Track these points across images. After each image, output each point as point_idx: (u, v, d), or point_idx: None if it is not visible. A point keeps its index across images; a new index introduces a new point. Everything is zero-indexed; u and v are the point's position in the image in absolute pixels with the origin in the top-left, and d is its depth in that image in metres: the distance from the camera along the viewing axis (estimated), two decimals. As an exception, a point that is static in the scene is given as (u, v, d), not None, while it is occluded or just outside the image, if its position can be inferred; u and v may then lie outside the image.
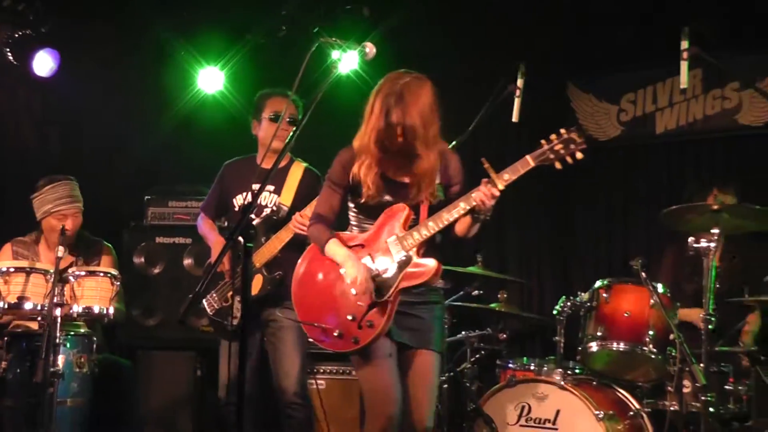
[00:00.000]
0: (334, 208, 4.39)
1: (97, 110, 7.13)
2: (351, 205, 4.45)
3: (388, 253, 4.19)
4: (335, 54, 4.55)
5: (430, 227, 4.12)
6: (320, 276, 4.37)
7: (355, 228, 4.41)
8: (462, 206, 4.07)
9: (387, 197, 4.27)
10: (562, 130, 4.04)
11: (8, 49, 6.51)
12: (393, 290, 4.14)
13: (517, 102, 5.46)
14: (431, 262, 4.13)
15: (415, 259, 4.14)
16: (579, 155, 4.04)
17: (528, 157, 4.07)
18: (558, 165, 4.07)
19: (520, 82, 5.45)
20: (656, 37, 5.97)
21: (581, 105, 7.21)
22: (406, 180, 4.29)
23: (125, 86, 7.21)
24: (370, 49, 4.15)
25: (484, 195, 4.00)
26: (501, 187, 4.01)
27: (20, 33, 6.53)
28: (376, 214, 4.30)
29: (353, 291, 4.20)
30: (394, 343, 4.25)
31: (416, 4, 6.55)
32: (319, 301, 4.34)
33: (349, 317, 4.19)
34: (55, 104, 7.18)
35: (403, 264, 4.14)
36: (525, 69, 5.46)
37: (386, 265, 4.18)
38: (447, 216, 4.11)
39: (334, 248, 4.23)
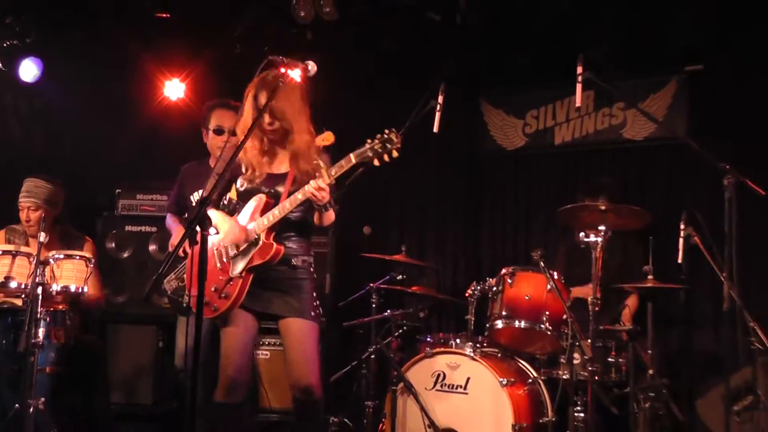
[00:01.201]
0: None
1: (76, 113, 7.07)
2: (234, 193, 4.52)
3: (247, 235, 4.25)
4: (282, 70, 4.55)
5: (275, 214, 4.16)
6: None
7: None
8: (299, 197, 4.10)
9: (263, 187, 4.30)
10: (386, 131, 4.00)
11: None
12: (244, 267, 4.20)
13: (437, 115, 5.50)
14: (273, 245, 4.16)
15: (263, 241, 4.18)
16: (395, 154, 3.99)
17: (351, 154, 4.05)
18: (376, 162, 4.02)
19: (440, 99, 5.49)
20: (556, 63, 6.02)
21: (492, 119, 7.25)
22: (284, 171, 4.32)
23: (101, 92, 7.14)
24: (312, 66, 4.16)
25: (313, 188, 4.00)
26: (328, 180, 4.03)
27: (8, 43, 6.48)
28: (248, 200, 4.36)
29: (218, 265, 4.28)
30: (252, 316, 4.33)
31: (351, 30, 6.57)
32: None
33: (213, 289, 4.25)
34: (39, 107, 7.11)
35: (254, 245, 4.20)
36: (445, 87, 5.51)
37: (242, 245, 4.24)
38: (287, 204, 4.15)
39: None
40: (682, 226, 5.09)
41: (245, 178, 4.36)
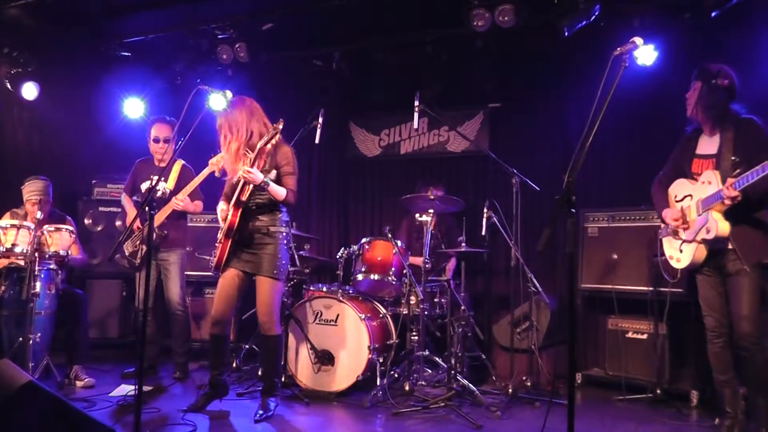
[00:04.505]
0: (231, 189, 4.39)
1: (64, 123, 6.84)
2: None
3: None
4: (209, 96, 4.52)
5: (237, 195, 4.20)
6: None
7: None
8: (240, 182, 4.16)
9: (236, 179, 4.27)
10: (272, 126, 4.15)
11: (7, 81, 6.33)
12: (222, 235, 4.24)
13: (318, 131, 5.52)
14: (230, 218, 4.18)
15: (228, 216, 4.21)
16: (274, 141, 4.16)
17: (258, 144, 4.16)
18: (268, 147, 4.18)
19: (320, 120, 5.52)
20: (401, 98, 6.07)
21: (357, 135, 7.25)
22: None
23: (82, 109, 6.92)
24: (229, 94, 4.14)
25: (242, 173, 4.10)
26: (247, 168, 4.09)
27: (15, 70, 6.35)
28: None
29: (218, 235, 4.27)
30: (237, 272, 4.30)
31: (260, 70, 6.52)
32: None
33: (213, 251, 4.32)
34: (37, 118, 6.86)
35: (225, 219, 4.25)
36: (324, 112, 5.53)
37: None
38: (239, 188, 4.19)
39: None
40: (485, 210, 5.23)
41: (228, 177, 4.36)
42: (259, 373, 5.13)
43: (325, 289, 5.40)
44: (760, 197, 3.68)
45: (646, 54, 5.20)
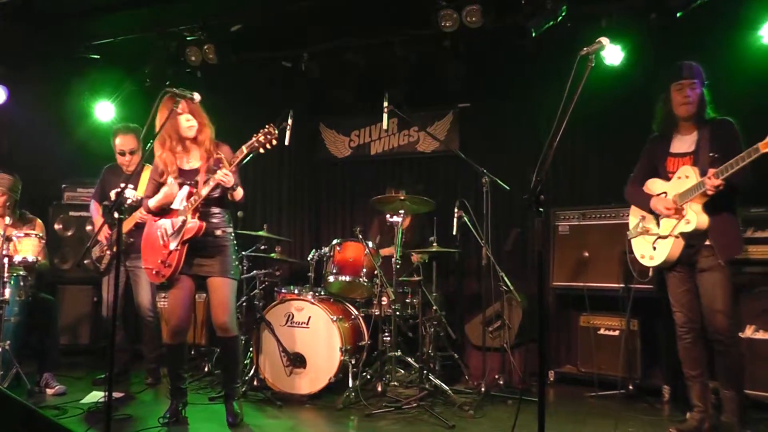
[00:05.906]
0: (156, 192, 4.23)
1: (34, 128, 6.76)
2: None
3: (179, 217, 4.12)
4: (177, 99, 4.45)
5: (195, 199, 4.06)
6: (150, 235, 4.25)
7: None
8: (210, 184, 4.02)
9: (187, 181, 4.15)
10: (267, 126, 3.94)
11: None
12: (178, 241, 4.09)
13: (288, 133, 5.47)
14: (196, 222, 4.06)
15: (189, 221, 4.07)
16: (274, 142, 3.94)
17: (243, 147, 3.98)
18: (262, 150, 3.95)
19: (290, 121, 5.47)
20: (370, 99, 6.06)
21: (327, 136, 7.25)
22: (196, 166, 4.17)
23: (52, 112, 6.82)
24: (197, 96, 4.07)
25: (221, 176, 3.95)
26: (229, 167, 3.97)
27: None
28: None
29: (161, 242, 4.14)
30: (190, 278, 4.18)
31: (228, 71, 6.45)
32: (149, 252, 4.23)
33: (160, 260, 4.14)
34: (5, 122, 6.77)
35: (184, 224, 4.08)
36: (293, 113, 5.49)
37: (177, 225, 4.11)
38: (203, 190, 4.05)
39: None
40: (455, 210, 5.25)
41: (167, 173, 4.17)
42: (223, 377, 5.07)
43: (296, 291, 5.38)
44: (739, 188, 3.74)
45: (613, 54, 5.25)
